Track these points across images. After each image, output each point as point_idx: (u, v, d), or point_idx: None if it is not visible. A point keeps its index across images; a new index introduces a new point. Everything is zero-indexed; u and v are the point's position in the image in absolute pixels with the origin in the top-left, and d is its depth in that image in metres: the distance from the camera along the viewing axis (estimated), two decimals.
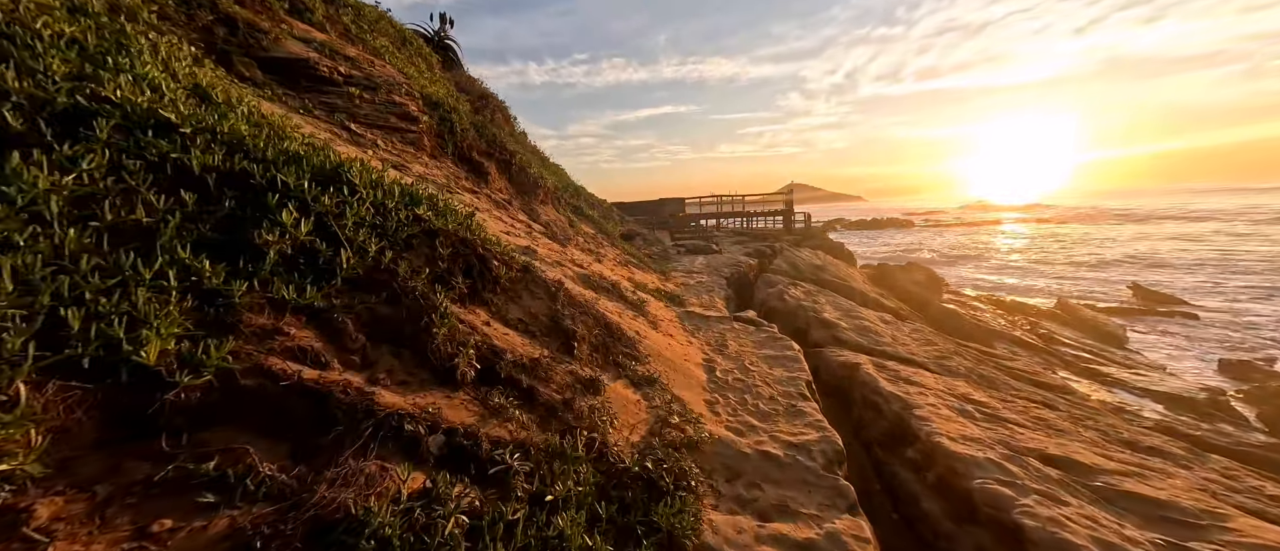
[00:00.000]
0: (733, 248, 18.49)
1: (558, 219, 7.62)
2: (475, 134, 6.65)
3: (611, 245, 9.48)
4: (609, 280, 5.69)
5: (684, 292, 8.75)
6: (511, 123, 15.68)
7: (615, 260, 8.34)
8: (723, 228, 28.43)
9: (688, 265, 13.20)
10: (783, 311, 8.00)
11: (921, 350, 6.95)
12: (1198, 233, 42.50)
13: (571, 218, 8.70)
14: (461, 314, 2.67)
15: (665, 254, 15.01)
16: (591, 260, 6.65)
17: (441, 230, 2.83)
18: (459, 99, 10.72)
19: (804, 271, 11.77)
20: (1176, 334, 17.93)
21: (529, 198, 7.30)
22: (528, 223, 6.17)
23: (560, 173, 14.50)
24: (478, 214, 4.07)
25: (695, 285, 9.97)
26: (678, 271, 12.12)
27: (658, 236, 18.94)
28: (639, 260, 9.89)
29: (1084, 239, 42.58)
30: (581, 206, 10.11)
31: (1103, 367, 13.26)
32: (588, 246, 7.91)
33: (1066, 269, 29.64)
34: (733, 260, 14.43)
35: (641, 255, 11.24)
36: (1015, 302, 20.66)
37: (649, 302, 5.94)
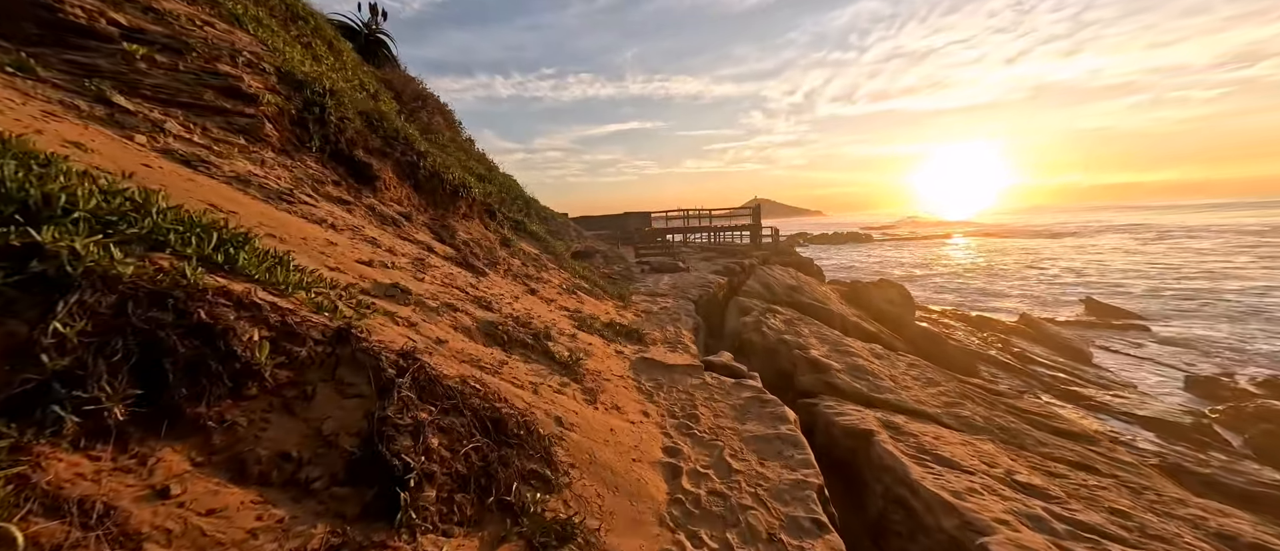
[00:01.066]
0: (700, 264, 17.16)
1: (484, 238, 5.93)
2: (365, 127, 4.93)
3: (559, 267, 7.85)
4: (537, 324, 4.05)
5: (644, 325, 7.20)
6: (455, 128, 13.89)
7: (560, 287, 6.70)
8: (690, 242, 27.23)
9: (652, 286, 11.70)
10: (762, 348, 6.57)
11: (928, 395, 5.67)
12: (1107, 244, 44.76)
13: (508, 236, 7.02)
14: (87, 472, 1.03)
15: (628, 273, 13.46)
16: (520, 293, 4.99)
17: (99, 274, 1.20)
18: (380, 94, 8.93)
19: (779, 293, 10.49)
20: (1133, 348, 17.74)
21: (444, 211, 5.60)
22: (428, 245, 4.47)
23: (510, 184, 12.78)
24: (321, 237, 2.41)
25: (659, 312, 8.45)
26: (640, 294, 10.59)
27: (621, 253, 17.39)
28: (593, 284, 8.29)
29: (1023, 251, 43.99)
30: (525, 222, 8.45)
31: (1082, 389, 12.56)
32: (524, 271, 6.26)
33: (1018, 282, 30.01)
34: (701, 279, 13.04)
35: (597, 277, 9.63)
36: (981, 318, 20.24)
37: (593, 352, 4.34)
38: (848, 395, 5.26)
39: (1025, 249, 46.89)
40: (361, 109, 5.13)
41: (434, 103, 13.17)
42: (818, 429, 4.58)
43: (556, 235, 12.00)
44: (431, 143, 11.26)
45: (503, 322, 3.51)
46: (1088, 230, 65.97)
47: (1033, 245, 50.62)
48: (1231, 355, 16.85)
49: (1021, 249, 47.33)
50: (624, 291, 9.56)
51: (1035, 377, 12.92)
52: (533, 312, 4.48)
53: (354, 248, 3.32)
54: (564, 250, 9.32)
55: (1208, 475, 7.78)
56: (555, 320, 4.74)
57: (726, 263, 17.31)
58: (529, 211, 11.40)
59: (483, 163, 13.17)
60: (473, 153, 13.15)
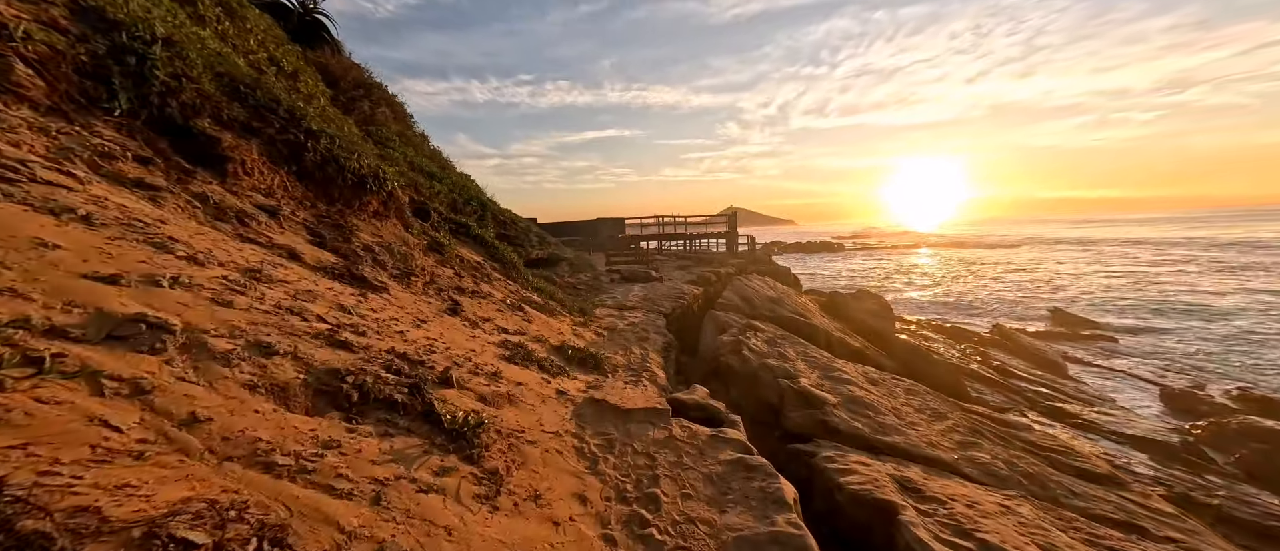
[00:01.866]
0: (675, 273, 16.11)
1: (400, 242, 4.65)
2: (222, 92, 3.63)
3: (507, 279, 6.60)
4: (433, 362, 2.84)
5: (605, 346, 6.02)
6: (407, 122, 12.49)
7: (502, 303, 5.47)
8: (665, 250, 26.22)
9: (621, 297, 10.55)
10: (743, 374, 5.49)
11: (938, 433, 4.69)
12: (1065, 256, 46.19)
13: (441, 240, 5.75)
14: None
15: (595, 282, 12.27)
16: (431, 315, 3.75)
17: None
18: (302, 74, 7.58)
19: (759, 306, 9.50)
20: (1102, 359, 17.57)
21: (344, 207, 4.31)
22: (291, 250, 3.19)
23: (466, 185, 11.45)
24: (50, 234, 1.18)
25: (625, 329, 7.30)
26: (607, 307, 9.42)
27: (590, 261, 16.18)
28: (548, 297, 7.07)
29: (986, 262, 44.85)
30: (472, 225, 7.17)
31: (1066, 405, 12.00)
32: (455, 284, 5.01)
33: (985, 291, 30.17)
34: (675, 290, 11.97)
35: (556, 288, 8.42)
36: (957, 328, 19.87)
37: (520, 398, 3.14)
38: (847, 437, 4.23)
39: (988, 259, 47.90)
40: (223, 69, 3.82)
41: (381, 94, 11.78)
42: (817, 490, 3.51)
43: (516, 241, 10.73)
44: (372, 135, 9.88)
45: (362, 367, 2.28)
46: (1045, 242, 68.39)
47: (995, 256, 51.83)
48: (1194, 365, 16.81)
49: (984, 259, 48.33)
50: (587, 305, 8.37)
51: (1019, 393, 12.31)
52: (440, 343, 3.25)
53: (110, 251, 2.05)
54: (518, 258, 8.08)
55: (1217, 507, 7.10)
56: (475, 351, 3.51)
57: (702, 271, 16.33)
58: (484, 214, 10.10)
59: (435, 160, 11.82)
60: (424, 149, 11.78)
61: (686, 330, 10.60)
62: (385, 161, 9.02)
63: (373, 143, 9.50)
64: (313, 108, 5.93)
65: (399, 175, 8.40)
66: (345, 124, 8.36)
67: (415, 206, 6.09)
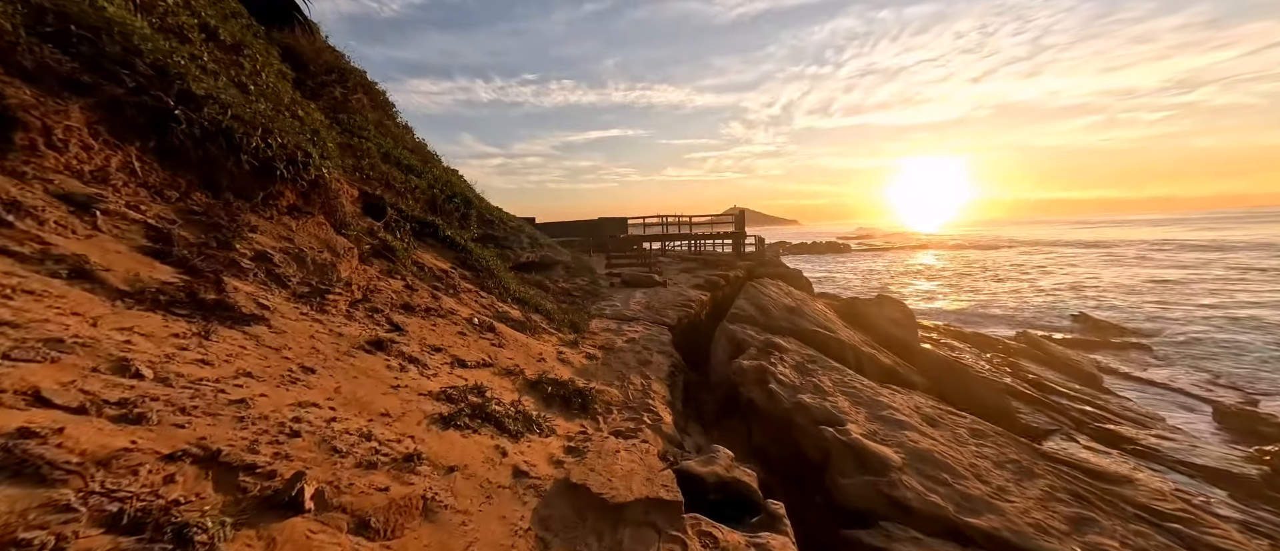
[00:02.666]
0: (680, 276, 14.88)
1: (318, 245, 3.44)
2: (23, 30, 2.43)
3: (480, 289, 5.39)
4: (300, 452, 1.64)
5: (597, 375, 4.81)
6: (387, 111, 11.30)
7: (467, 323, 4.26)
8: (668, 250, 24.99)
9: (621, 305, 9.34)
10: (772, 417, 4.27)
11: (1034, 501, 3.44)
12: (1078, 257, 44.53)
13: (392, 243, 4.55)
14: None
15: (593, 288, 11.07)
16: (328, 361, 2.53)
17: None
18: (249, 48, 6.42)
19: (776, 317, 8.27)
20: (1139, 369, 16.17)
21: (237, 200, 3.12)
22: (70, 270, 1.98)
23: (451, 180, 10.27)
24: None
25: (623, 349, 6.08)
26: (605, 317, 8.22)
27: (588, 263, 14.96)
28: (531, 311, 5.87)
29: (999, 264, 43.30)
30: (439, 225, 5.96)
31: (1117, 427, 10.66)
32: (400, 301, 3.81)
33: (1004, 295, 28.74)
34: (680, 296, 10.74)
35: (545, 299, 7.21)
36: (978, 335, 18.54)
37: (441, 506, 1.93)
38: (925, 518, 3.01)
39: (999, 261, 46.31)
40: (49, 3, 2.62)
41: (358, 79, 10.60)
42: None
43: (504, 243, 9.53)
44: (343, 123, 8.71)
45: (72, 506, 1.07)
46: (1056, 243, 66.49)
47: (1006, 257, 50.21)
48: (1241, 378, 15.39)
49: (996, 260, 46.76)
50: (580, 317, 7.16)
51: (1062, 413, 11.00)
52: (320, 412, 2.04)
53: None
54: (500, 263, 6.88)
55: None
56: (389, 417, 2.30)
57: (709, 275, 15.09)
58: (468, 213, 8.91)
59: (418, 153, 10.64)
60: (406, 141, 10.60)
61: (695, 343, 9.37)
62: (350, 152, 7.84)
63: (341, 131, 8.33)
64: (240, 76, 4.74)
65: (361, 167, 7.23)
66: (307, 109, 7.21)
67: (367, 201, 4.91)
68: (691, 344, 9.20)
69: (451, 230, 6.02)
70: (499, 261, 6.99)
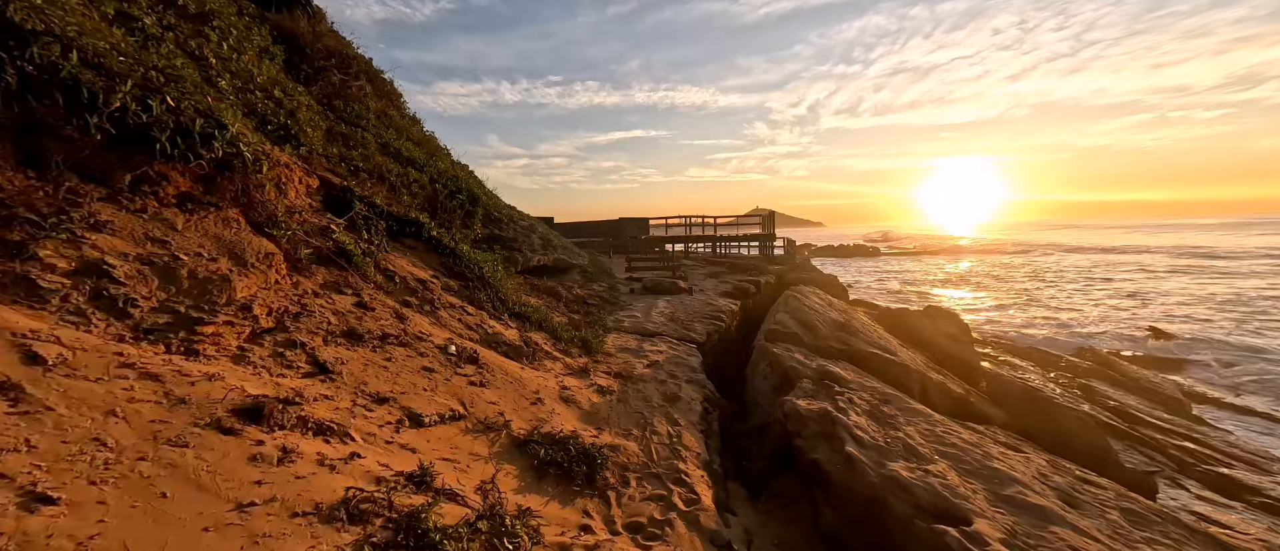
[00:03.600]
0: (705, 281, 13.64)
1: (215, 249, 2.43)
2: None
3: (467, 303, 4.33)
4: None
5: (610, 419, 3.68)
6: (393, 101, 10.45)
7: (438, 355, 3.20)
8: (692, 253, 23.71)
9: (642, 316, 8.20)
10: (854, 493, 3.01)
11: None
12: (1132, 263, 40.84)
13: (353, 247, 3.52)
14: None
15: (612, 295, 9.96)
16: (115, 450, 1.46)
17: None
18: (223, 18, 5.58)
19: (825, 336, 6.95)
20: (1229, 394, 14.02)
21: (90, 188, 2.12)
22: None
23: (459, 176, 9.32)
24: None
25: (644, 377, 4.92)
26: (624, 330, 7.08)
27: (607, 266, 13.86)
28: (533, 328, 4.78)
29: (1044, 268, 40.20)
30: (425, 224, 4.91)
31: (1231, 471, 8.88)
32: (342, 326, 2.78)
33: (1051, 302, 26.31)
34: (708, 306, 9.51)
35: (550, 313, 6.12)
36: (1035, 350, 16.63)
37: None
38: None
39: (1045, 266, 43.09)
40: None
41: (361, 67, 9.79)
42: None
43: (512, 244, 8.52)
44: (338, 110, 7.85)
45: None
46: (1107, 248, 61.89)
47: (1052, 263, 46.77)
48: None
49: (1042, 266, 43.57)
50: (594, 333, 6.05)
51: (1159, 450, 9.28)
52: None
53: None
54: (501, 270, 5.83)
55: None
56: None
57: (738, 281, 13.78)
58: (472, 211, 7.93)
59: (425, 146, 9.74)
60: (412, 134, 9.72)
61: (729, 365, 8.13)
62: (340, 141, 6.95)
63: (336, 118, 7.46)
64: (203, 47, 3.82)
65: (350, 156, 6.32)
66: (290, 90, 6.33)
67: (331, 192, 3.91)
68: (724, 365, 7.97)
69: (440, 230, 4.98)
70: (500, 267, 5.94)
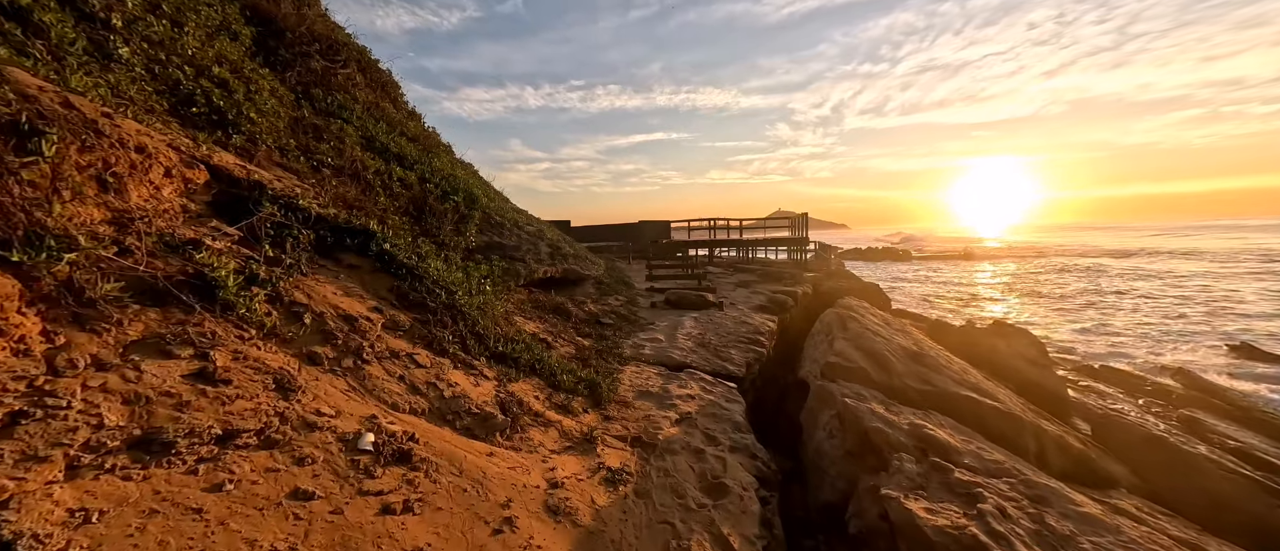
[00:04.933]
0: (735, 291, 12.16)
1: None
2: None
3: (421, 346, 3.06)
4: None
5: (621, 537, 2.34)
6: (388, 92, 9.37)
7: (325, 458, 1.94)
8: (717, 258, 22.14)
9: (666, 339, 6.83)
10: None
11: None
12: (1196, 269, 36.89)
13: (276, 263, 2.30)
14: None
15: (629, 310, 8.62)
16: None
17: None
18: None
19: (900, 371, 5.42)
20: None
21: None
22: None
23: (457, 175, 8.14)
24: None
25: (670, 447, 3.53)
26: (643, 361, 5.72)
27: (625, 275, 12.52)
28: (518, 377, 3.49)
29: (1095, 273, 36.84)
30: (377, 233, 3.67)
31: None
32: (148, 421, 1.56)
33: (1116, 313, 23.63)
34: (744, 326, 8.06)
35: (544, 353, 4.81)
36: (1110, 370, 14.48)
37: None
38: None
39: (1098, 271, 39.62)
40: None
41: (354, 54, 8.74)
42: None
43: (515, 253, 7.28)
44: (316, 100, 6.79)
45: None
46: (1159, 252, 57.02)
47: (1102, 267, 43.07)
48: None
49: (1092, 271, 40.12)
50: (606, 371, 4.72)
51: None
52: None
53: None
54: (484, 291, 4.56)
55: None
56: None
57: (772, 291, 12.24)
58: (467, 215, 6.72)
59: (422, 142, 8.62)
60: (406, 127, 8.61)
61: (768, 398, 6.66)
62: (310, 133, 5.86)
63: (313, 108, 6.36)
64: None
65: (319, 151, 5.16)
66: (245, 70, 5.26)
67: (234, 190, 2.71)
68: (764, 397, 6.52)
69: (401, 241, 3.74)
70: (490, 285, 4.68)
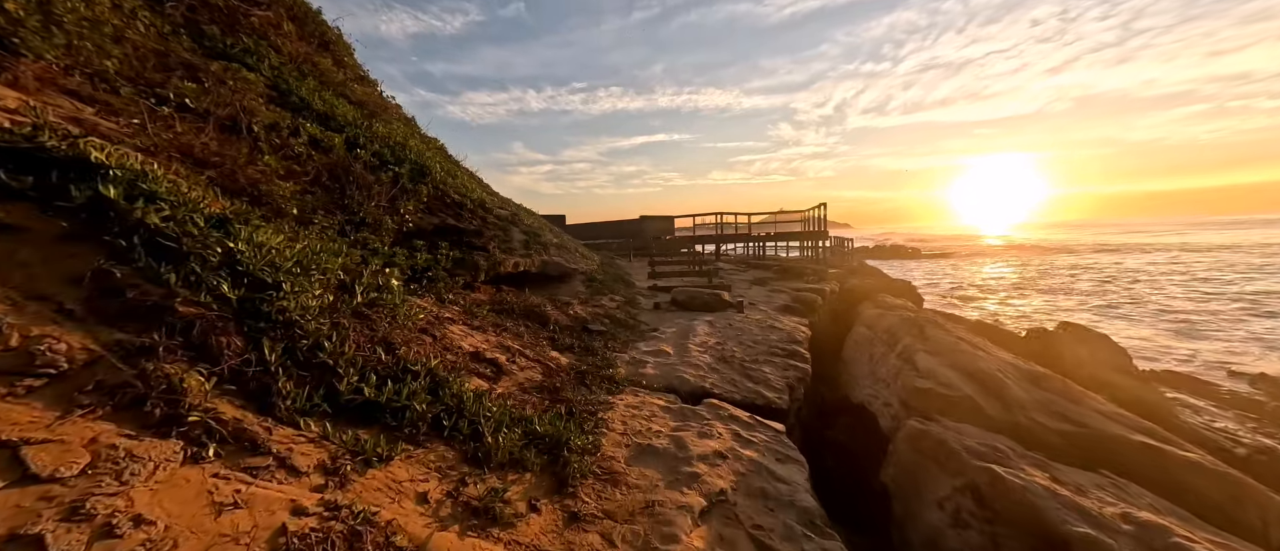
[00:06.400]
0: (750, 289, 10.42)
1: None
2: None
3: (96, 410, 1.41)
4: None
5: None
6: (338, 54, 7.70)
7: None
8: (726, 255, 20.39)
9: (675, 352, 5.12)
10: None
11: None
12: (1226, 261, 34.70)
13: None
14: None
15: (628, 313, 6.89)
16: None
17: None
18: None
19: (1025, 404, 3.67)
20: None
21: None
22: None
23: (408, 145, 6.42)
24: None
25: None
26: (642, 386, 3.98)
27: (624, 273, 10.80)
28: (418, 426, 1.82)
29: (1116, 272, 34.73)
30: None
31: None
32: None
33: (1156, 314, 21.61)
34: (773, 332, 6.32)
35: (448, 391, 3.10)
36: (1176, 375, 12.61)
37: None
38: None
39: (1119, 268, 37.49)
40: None
41: (286, 2, 7.08)
42: None
43: (474, 240, 5.57)
44: (210, 42, 5.14)
45: None
46: (1180, 247, 54.63)
47: (1121, 263, 40.90)
48: None
49: (1113, 268, 38.01)
50: (577, 420, 3.03)
51: None
52: None
53: None
54: (379, 286, 2.88)
55: None
56: None
57: (794, 289, 10.47)
58: (412, 189, 5.05)
59: (370, 107, 6.94)
60: (354, 92, 6.94)
61: (810, 424, 4.88)
62: (181, 72, 4.20)
63: (194, 47, 4.67)
64: None
65: (184, 91, 3.47)
66: None
67: None
68: (811, 435, 4.74)
69: (160, 185, 2.03)
70: (393, 279, 2.98)
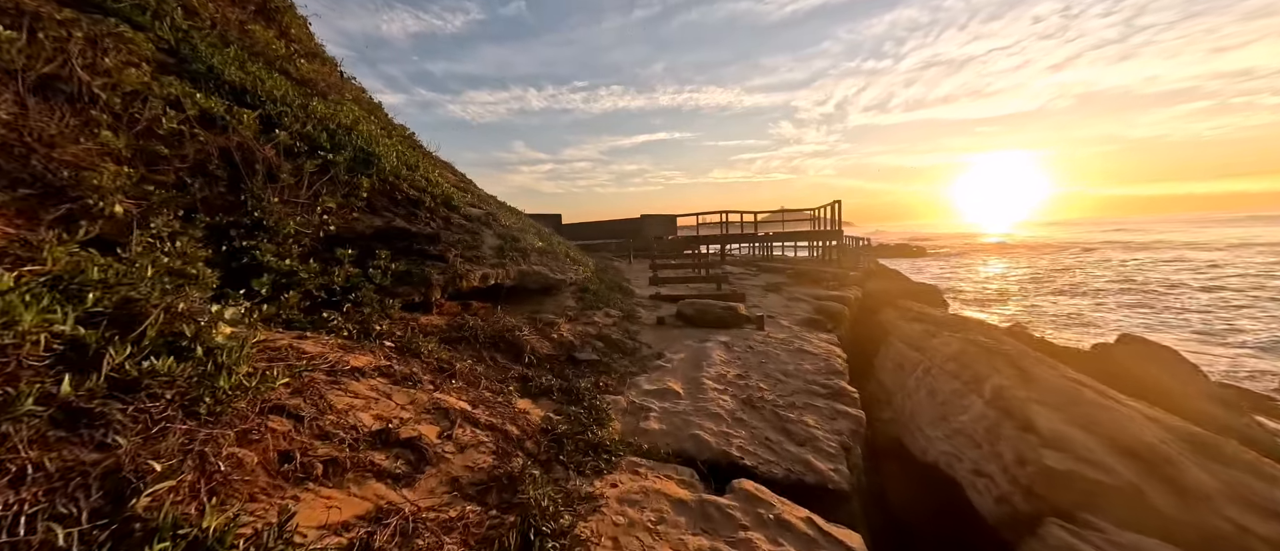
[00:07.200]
0: (765, 297, 9.29)
1: None
2: None
3: None
4: None
5: None
6: (284, 29, 6.56)
7: None
8: (731, 255, 19.25)
9: (685, 388, 4.00)
10: None
11: None
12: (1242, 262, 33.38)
13: None
14: None
15: (624, 336, 5.75)
16: None
17: None
18: None
19: (1200, 483, 2.61)
20: None
21: None
22: None
23: (357, 130, 5.27)
24: None
25: None
26: (643, 454, 2.85)
27: (623, 279, 9.66)
28: None
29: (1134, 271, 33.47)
30: None
31: None
32: None
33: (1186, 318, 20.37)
34: (805, 357, 5.18)
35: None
36: (1236, 389, 11.43)
37: None
38: None
39: (1135, 267, 36.23)
40: None
41: None
42: None
43: (429, 248, 4.45)
44: None
45: None
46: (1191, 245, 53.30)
47: (1137, 261, 39.63)
48: None
49: (1111, 264, 36.78)
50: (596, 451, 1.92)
51: None
52: None
53: None
54: (211, 328, 1.77)
55: None
56: None
57: (814, 296, 9.33)
58: (350, 180, 3.95)
59: (313, 87, 5.81)
60: (299, 68, 5.80)
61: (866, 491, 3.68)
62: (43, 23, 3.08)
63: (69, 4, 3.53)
64: None
65: None
66: None
67: None
68: (879, 507, 3.57)
69: None
70: (225, 313, 1.88)
